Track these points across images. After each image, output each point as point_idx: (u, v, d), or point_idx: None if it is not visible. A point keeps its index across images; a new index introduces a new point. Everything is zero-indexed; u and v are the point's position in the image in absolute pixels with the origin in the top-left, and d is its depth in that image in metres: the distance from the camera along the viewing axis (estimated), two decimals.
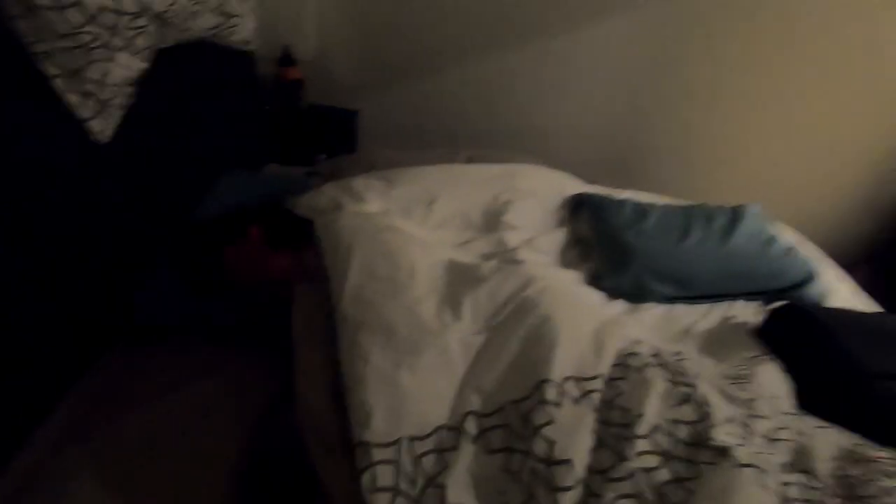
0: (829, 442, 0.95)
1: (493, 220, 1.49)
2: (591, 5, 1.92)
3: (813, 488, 0.86)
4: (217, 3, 1.52)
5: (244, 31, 1.67)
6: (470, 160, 1.75)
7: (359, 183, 1.46)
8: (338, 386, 0.93)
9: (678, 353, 1.11)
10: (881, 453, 0.93)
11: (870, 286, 1.69)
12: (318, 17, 2.01)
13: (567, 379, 0.92)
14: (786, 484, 0.86)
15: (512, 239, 1.42)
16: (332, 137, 2.27)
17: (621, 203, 1.60)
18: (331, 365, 0.96)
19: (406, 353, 0.92)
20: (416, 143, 2.09)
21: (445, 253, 1.24)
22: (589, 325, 1.04)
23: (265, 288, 1.23)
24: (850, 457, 0.92)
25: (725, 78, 2.05)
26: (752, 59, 2.00)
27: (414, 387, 0.89)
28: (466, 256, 1.28)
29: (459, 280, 1.09)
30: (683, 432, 0.90)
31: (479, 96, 2.11)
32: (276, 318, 1.11)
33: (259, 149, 1.98)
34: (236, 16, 1.62)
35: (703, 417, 0.92)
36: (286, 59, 2.07)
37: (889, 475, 0.88)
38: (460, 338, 0.97)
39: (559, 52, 2.00)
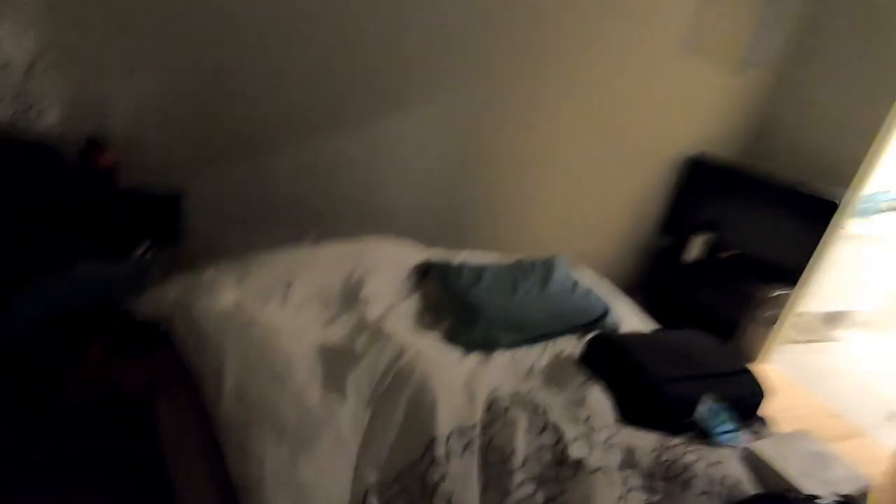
0: (645, 440, 1.23)
1: (351, 296, 1.57)
2: (417, 90, 2.18)
3: (643, 475, 1.11)
4: (14, 90, 1.37)
5: (47, 118, 1.52)
6: (318, 239, 1.81)
7: (208, 276, 1.42)
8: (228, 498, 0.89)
9: (530, 390, 1.32)
10: (677, 440, 1.24)
11: (646, 308, 2.20)
12: (134, 96, 1.90)
13: (451, 433, 1.04)
14: (624, 478, 1.09)
15: (373, 311, 1.51)
16: (154, 224, 2.10)
17: (460, 267, 1.83)
18: (217, 475, 0.91)
19: (301, 444, 0.93)
20: (252, 226, 2.06)
21: (315, 336, 1.28)
22: (459, 379, 1.19)
23: (112, 407, 1.10)
24: (660, 448, 1.21)
25: (529, 146, 2.50)
26: (549, 131, 2.48)
27: (313, 478, 0.90)
28: (335, 336, 1.33)
29: (337, 361, 1.15)
30: (548, 456, 1.08)
31: (315, 175, 2.18)
32: (129, 443, 1.01)
33: (72, 245, 1.74)
34: (36, 103, 1.47)
35: (559, 439, 1.12)
36: (95, 144, 1.89)
37: (687, 453, 1.18)
38: (350, 417, 1.02)
39: (391, 131, 2.20)
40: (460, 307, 1.62)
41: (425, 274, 1.81)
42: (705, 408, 1.39)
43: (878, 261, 3.14)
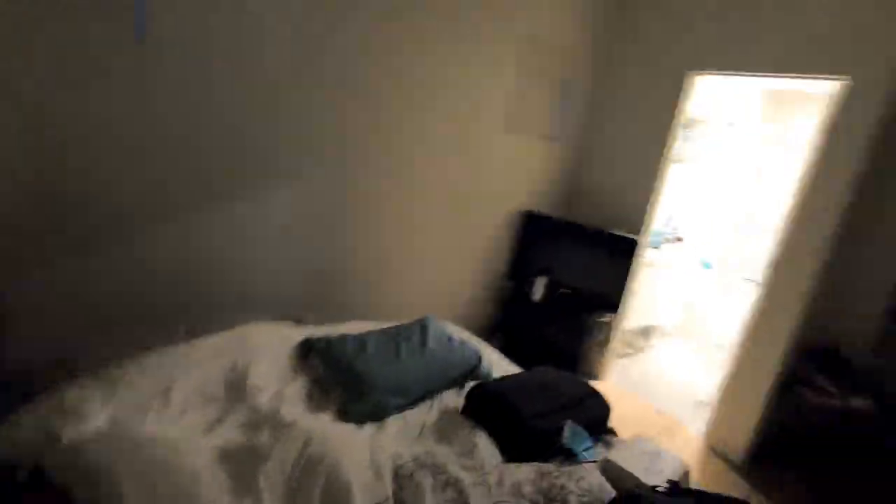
0: (527, 472, 1.44)
1: (237, 389, 1.55)
2: (275, 170, 2.21)
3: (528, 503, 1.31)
4: None
5: None
6: (190, 334, 1.74)
7: (70, 396, 1.30)
8: None
9: (427, 451, 1.45)
10: (551, 467, 1.48)
11: (506, 348, 2.50)
12: None
13: None
14: None
15: (263, 401, 1.52)
16: None
17: (342, 340, 1.91)
18: None
19: None
20: (110, 331, 1.87)
21: (210, 441, 1.25)
22: (364, 457, 1.27)
23: None
24: (539, 476, 1.43)
25: (389, 217, 2.69)
26: (406, 202, 2.71)
27: None
28: (232, 436, 1.31)
29: (243, 462, 1.15)
30: None
31: (176, 264, 2.03)
32: None
33: None
34: None
35: (461, 491, 1.27)
36: None
37: (560, 475, 1.42)
38: None
39: (254, 211, 2.18)
40: (349, 380, 1.70)
41: (308, 352, 1.85)
42: (568, 433, 1.67)
43: (669, 281, 3.97)
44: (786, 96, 4.03)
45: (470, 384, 1.87)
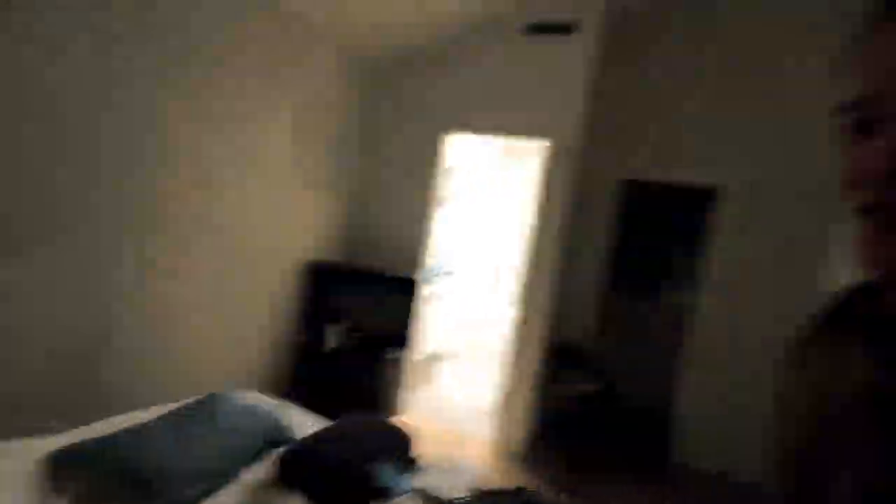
0: None
1: None
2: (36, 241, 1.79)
3: None
4: None
5: None
6: None
7: None
8: None
9: None
10: None
11: (309, 401, 2.47)
12: None
13: None
14: None
15: None
16: None
17: (111, 439, 1.62)
18: None
19: None
20: None
21: None
22: None
23: None
24: None
25: (171, 287, 2.39)
26: (187, 268, 2.44)
27: None
28: None
29: None
30: None
31: None
32: None
33: None
34: None
35: None
36: None
37: None
38: None
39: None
40: (132, 484, 1.46)
41: (62, 470, 1.52)
42: (382, 472, 1.76)
43: (448, 310, 4.45)
44: (518, 150, 5.02)
45: (278, 450, 1.80)
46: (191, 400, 1.98)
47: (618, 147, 3.55)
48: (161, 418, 1.82)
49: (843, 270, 2.46)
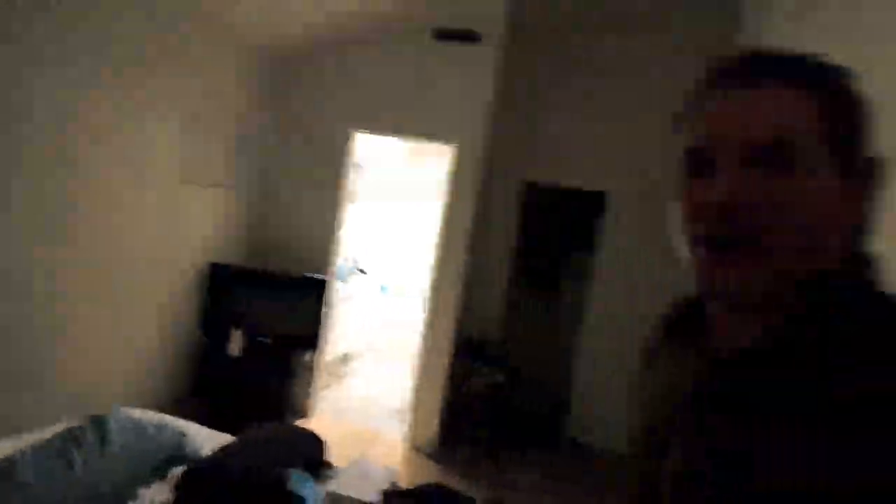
0: None
1: None
2: None
3: None
4: None
5: None
6: None
7: None
8: None
9: None
10: None
11: (212, 411, 2.36)
12: None
13: None
14: None
15: None
16: None
17: None
18: None
19: None
20: None
21: None
22: None
23: None
24: None
25: (52, 303, 2.14)
26: (71, 282, 2.20)
27: None
28: None
29: None
30: None
31: None
32: None
33: None
34: None
35: None
36: None
37: None
38: None
39: None
40: None
41: None
42: (291, 481, 1.74)
43: (359, 308, 4.43)
44: (426, 150, 5.08)
45: (179, 469, 1.71)
46: (74, 423, 1.81)
47: (522, 151, 3.74)
48: (37, 447, 1.64)
49: None
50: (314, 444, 2.07)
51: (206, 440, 2.00)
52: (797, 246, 0.44)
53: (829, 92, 0.47)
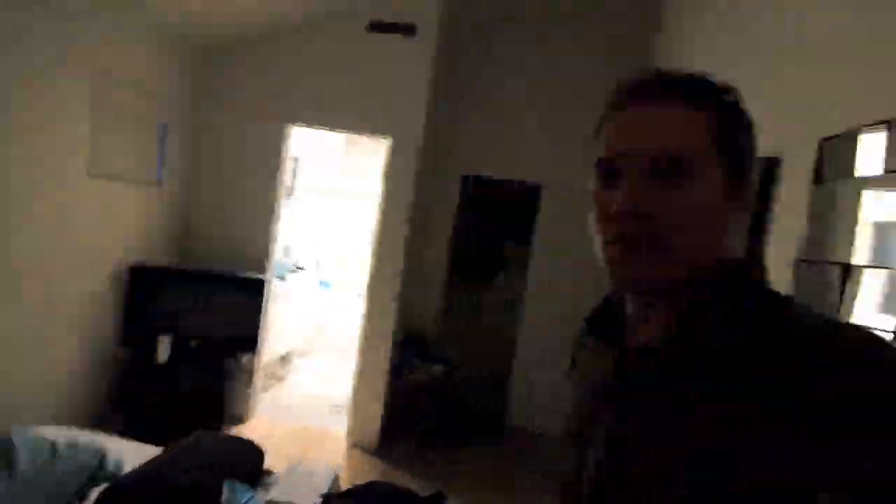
0: None
1: None
2: None
3: None
4: None
5: None
6: None
7: None
8: None
9: None
10: None
11: (138, 422, 2.22)
12: None
13: None
14: None
15: None
16: None
17: None
18: None
19: None
20: None
21: None
22: None
23: None
24: None
25: None
26: None
27: None
28: None
29: None
30: None
31: None
32: None
33: None
34: None
35: None
36: None
37: None
38: None
39: None
40: None
41: None
42: (227, 492, 1.67)
43: (298, 307, 4.31)
44: (364, 144, 4.99)
45: (98, 489, 1.60)
46: None
47: (460, 145, 3.75)
48: None
49: None
50: (251, 451, 2.01)
51: (131, 455, 1.88)
52: (692, 244, 0.50)
53: (718, 109, 0.52)
